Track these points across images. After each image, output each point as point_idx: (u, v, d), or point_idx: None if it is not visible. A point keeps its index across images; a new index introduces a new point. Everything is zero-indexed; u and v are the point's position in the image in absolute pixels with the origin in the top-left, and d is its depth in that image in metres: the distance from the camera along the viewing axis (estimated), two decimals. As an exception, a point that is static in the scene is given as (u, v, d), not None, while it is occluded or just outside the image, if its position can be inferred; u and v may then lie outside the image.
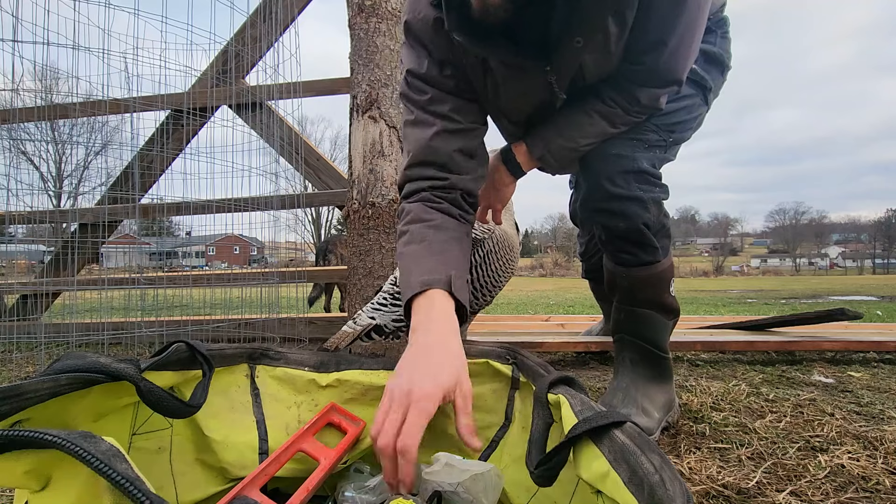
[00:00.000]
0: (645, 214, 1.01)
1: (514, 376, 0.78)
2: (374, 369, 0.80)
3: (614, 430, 0.48)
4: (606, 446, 0.47)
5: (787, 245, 76.65)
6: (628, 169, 0.99)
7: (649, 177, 1.01)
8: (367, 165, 1.94)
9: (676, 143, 1.11)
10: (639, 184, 1.00)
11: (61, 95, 2.01)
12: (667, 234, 1.08)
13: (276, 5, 2.34)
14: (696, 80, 1.09)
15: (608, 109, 0.95)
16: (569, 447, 0.51)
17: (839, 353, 2.01)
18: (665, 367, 1.14)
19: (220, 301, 2.57)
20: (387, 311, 1.04)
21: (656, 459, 0.42)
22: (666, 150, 1.08)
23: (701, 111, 1.12)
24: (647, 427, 1.05)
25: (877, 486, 0.84)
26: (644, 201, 1.00)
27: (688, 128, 1.11)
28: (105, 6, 1.59)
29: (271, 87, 2.37)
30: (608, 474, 0.44)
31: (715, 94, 1.15)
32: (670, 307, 1.12)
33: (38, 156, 11.79)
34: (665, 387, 1.13)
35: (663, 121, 1.04)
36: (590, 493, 0.50)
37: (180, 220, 3.61)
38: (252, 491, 0.57)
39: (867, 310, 4.78)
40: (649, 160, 1.02)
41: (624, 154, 1.00)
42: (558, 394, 0.60)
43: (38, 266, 2.88)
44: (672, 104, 1.04)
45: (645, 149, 1.02)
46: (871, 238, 70.32)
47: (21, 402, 0.42)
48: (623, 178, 0.99)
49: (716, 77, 1.12)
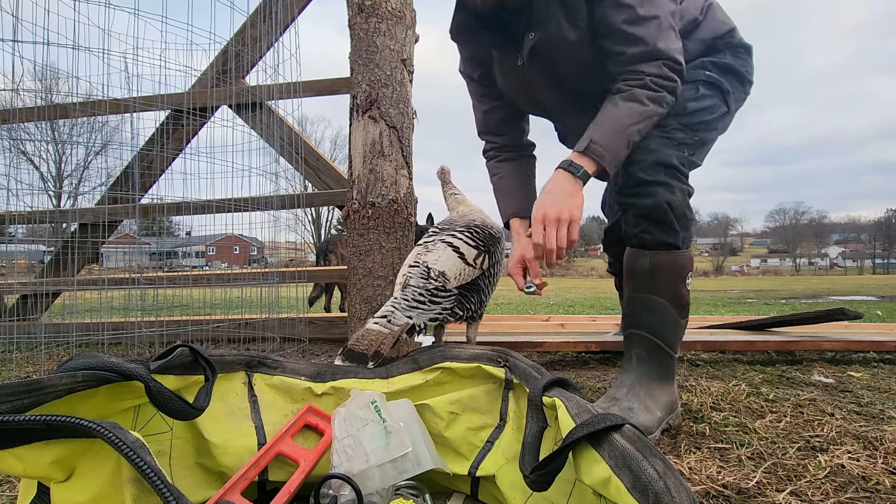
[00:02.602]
0: (669, 195, 1.11)
1: (506, 378, 0.78)
2: (369, 378, 0.81)
3: (613, 433, 0.47)
4: (606, 451, 0.46)
5: (787, 245, 76.65)
6: (659, 161, 1.12)
7: (676, 171, 1.13)
8: (367, 165, 1.94)
9: (703, 143, 1.22)
10: (667, 174, 1.12)
11: (61, 95, 2.01)
12: (688, 225, 1.16)
13: (276, 5, 2.34)
14: (713, 83, 1.22)
15: (627, 92, 1.08)
16: (566, 452, 0.51)
17: (839, 353, 2.01)
18: (670, 367, 1.16)
19: (220, 301, 2.57)
20: (425, 311, 1.00)
21: (659, 465, 0.42)
22: (693, 149, 1.19)
23: (722, 111, 1.23)
24: (648, 424, 1.07)
25: (877, 486, 0.84)
26: (671, 186, 1.11)
27: (712, 128, 1.22)
28: (105, 6, 1.59)
29: (271, 87, 2.37)
30: (610, 480, 0.44)
31: (737, 100, 1.27)
32: (683, 302, 1.17)
33: (38, 156, 11.79)
34: (668, 388, 1.16)
35: (688, 120, 1.17)
36: (590, 494, 0.50)
37: (180, 220, 3.62)
38: (233, 495, 0.57)
39: (867, 310, 4.78)
40: (678, 157, 1.14)
41: (655, 149, 1.13)
42: (553, 396, 0.60)
43: (38, 266, 2.88)
44: (693, 104, 1.18)
45: (674, 146, 1.14)
46: (871, 238, 70.31)
47: (42, 396, 0.44)
48: (654, 168, 1.12)
49: (735, 84, 1.25)
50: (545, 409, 0.61)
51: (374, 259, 1.74)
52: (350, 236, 1.83)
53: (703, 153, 1.25)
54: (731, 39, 1.27)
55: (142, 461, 0.38)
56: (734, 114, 1.29)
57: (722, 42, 1.26)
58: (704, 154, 1.26)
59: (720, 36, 1.26)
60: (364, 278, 1.74)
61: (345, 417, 0.69)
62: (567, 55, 1.18)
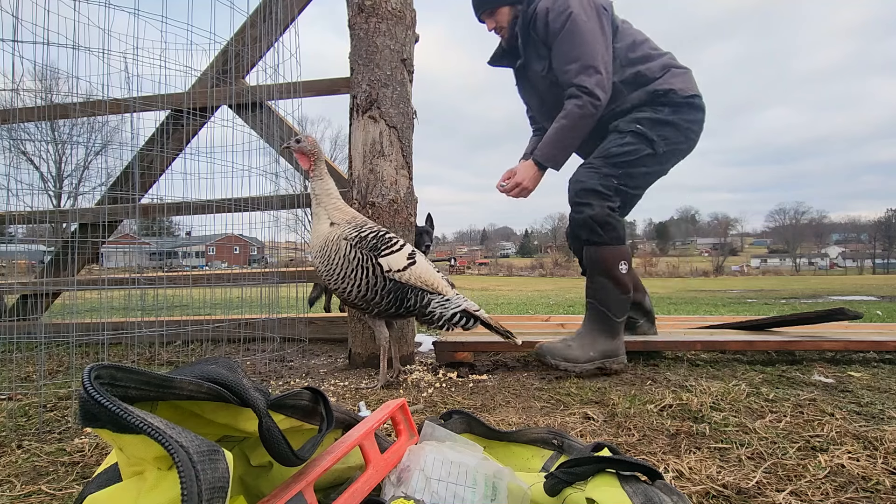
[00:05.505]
0: (591, 212, 1.72)
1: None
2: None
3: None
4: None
5: (787, 245, 76.63)
6: (585, 188, 1.74)
7: (600, 194, 1.73)
8: (367, 165, 1.94)
9: (630, 175, 1.76)
10: (590, 197, 1.73)
11: (61, 95, 2.01)
12: (611, 228, 1.73)
13: (276, 5, 2.34)
14: (640, 133, 1.76)
15: (562, 112, 1.77)
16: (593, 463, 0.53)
17: (839, 353, 2.01)
18: (612, 326, 1.73)
19: (220, 301, 2.57)
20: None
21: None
22: (621, 179, 1.74)
23: (645, 153, 1.75)
24: (577, 356, 1.68)
25: (877, 486, 0.84)
26: (592, 205, 1.72)
27: (637, 164, 1.76)
28: (105, 6, 1.59)
29: (271, 87, 2.37)
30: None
31: (674, 143, 1.79)
32: (620, 281, 1.74)
33: (38, 156, 11.76)
34: (610, 341, 1.73)
35: (613, 160, 1.75)
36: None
37: (180, 220, 3.61)
38: (308, 488, 0.55)
39: (867, 310, 4.78)
40: (603, 185, 1.73)
41: (584, 180, 1.75)
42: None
43: (38, 266, 2.87)
44: (616, 149, 1.76)
45: (600, 177, 1.74)
46: (871, 238, 70.28)
47: (165, 394, 0.45)
48: (581, 193, 1.75)
49: (667, 132, 1.76)
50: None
51: (374, 259, 1.73)
52: (350, 236, 1.82)
53: (637, 181, 1.79)
54: (675, 97, 1.76)
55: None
56: (674, 151, 1.80)
57: (665, 98, 1.76)
58: (643, 181, 1.82)
59: (664, 93, 1.76)
60: (364, 278, 1.74)
61: (452, 460, 0.64)
62: (537, 78, 1.91)
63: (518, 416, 1.26)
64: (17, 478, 0.93)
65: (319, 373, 1.88)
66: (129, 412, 0.38)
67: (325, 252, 1.55)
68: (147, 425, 0.38)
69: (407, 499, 0.58)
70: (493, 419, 1.23)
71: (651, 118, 1.76)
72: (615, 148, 1.75)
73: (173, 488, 0.38)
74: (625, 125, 1.78)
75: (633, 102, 1.80)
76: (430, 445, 0.68)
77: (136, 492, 0.43)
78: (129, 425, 0.38)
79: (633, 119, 1.78)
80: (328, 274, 1.55)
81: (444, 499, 0.60)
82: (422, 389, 1.58)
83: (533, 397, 1.46)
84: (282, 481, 0.57)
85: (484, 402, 1.41)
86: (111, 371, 0.41)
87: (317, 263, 1.59)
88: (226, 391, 0.48)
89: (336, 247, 1.53)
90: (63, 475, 0.94)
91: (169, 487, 0.41)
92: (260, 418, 0.50)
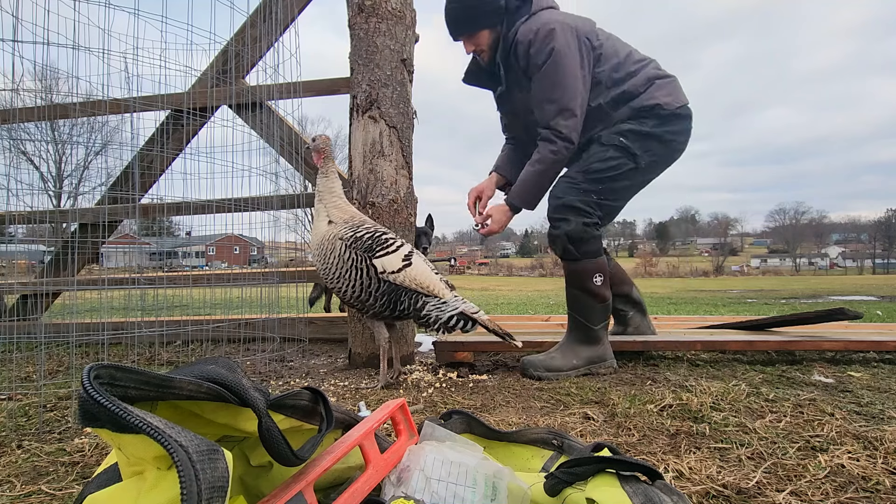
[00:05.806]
0: (568, 227, 1.74)
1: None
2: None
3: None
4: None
5: (787, 245, 76.63)
6: (563, 204, 1.75)
7: (578, 210, 1.73)
8: (367, 165, 1.94)
9: (612, 189, 1.76)
10: (568, 213, 1.74)
11: (61, 95, 2.01)
12: (586, 242, 1.74)
13: (276, 5, 2.34)
14: (623, 147, 1.73)
15: (535, 156, 1.78)
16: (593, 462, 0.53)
17: (839, 353, 2.01)
18: (591, 335, 1.77)
19: (220, 301, 2.57)
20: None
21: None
22: (601, 194, 1.74)
23: (628, 167, 1.74)
24: (560, 365, 1.71)
25: (877, 486, 0.84)
26: (569, 221, 1.74)
27: (619, 179, 1.75)
28: (105, 6, 1.59)
29: (271, 87, 2.37)
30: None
31: (657, 155, 1.77)
32: (594, 293, 1.76)
33: (38, 156, 11.77)
34: (592, 348, 1.76)
35: (594, 175, 1.74)
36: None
37: (180, 220, 3.61)
38: (308, 488, 0.54)
39: (867, 310, 4.78)
40: (582, 200, 1.73)
41: (562, 196, 1.76)
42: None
43: (38, 266, 2.88)
44: (598, 164, 1.74)
45: (580, 193, 1.74)
46: (871, 238, 70.28)
47: (165, 393, 0.44)
48: (560, 208, 1.75)
49: (651, 146, 1.74)
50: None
51: (374, 259, 1.73)
52: (350, 236, 1.82)
53: (618, 194, 1.80)
54: (661, 111, 1.72)
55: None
56: (658, 163, 1.79)
57: (651, 112, 1.73)
58: (624, 194, 1.82)
59: (649, 108, 1.73)
60: (364, 278, 1.73)
61: (452, 460, 0.64)
62: (518, 103, 1.91)
63: (518, 416, 1.26)
64: (17, 478, 0.93)
65: (319, 373, 1.88)
66: (128, 412, 0.38)
67: (322, 251, 1.54)
68: (146, 425, 0.38)
69: (407, 499, 0.58)
70: (493, 419, 1.23)
71: (635, 131, 1.73)
72: (597, 163, 1.73)
73: (173, 488, 0.38)
74: (608, 137, 1.75)
75: (619, 118, 1.77)
76: (430, 445, 0.68)
77: (136, 491, 0.43)
78: (129, 425, 0.38)
79: (617, 132, 1.75)
80: (325, 273, 1.56)
81: (444, 499, 0.60)
82: (422, 389, 1.58)
83: (533, 397, 1.46)
84: (282, 481, 0.57)
85: (484, 402, 1.41)
86: (111, 371, 0.41)
87: (315, 262, 1.59)
88: (225, 391, 0.48)
89: (332, 246, 1.53)
90: (63, 475, 0.94)
91: (168, 487, 0.40)
92: (260, 418, 0.50)
